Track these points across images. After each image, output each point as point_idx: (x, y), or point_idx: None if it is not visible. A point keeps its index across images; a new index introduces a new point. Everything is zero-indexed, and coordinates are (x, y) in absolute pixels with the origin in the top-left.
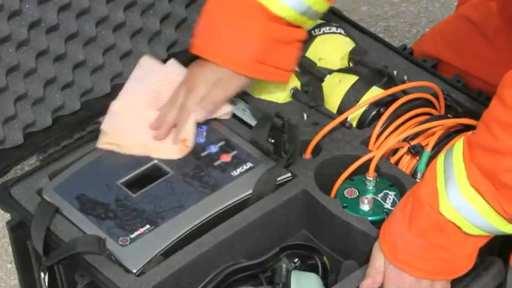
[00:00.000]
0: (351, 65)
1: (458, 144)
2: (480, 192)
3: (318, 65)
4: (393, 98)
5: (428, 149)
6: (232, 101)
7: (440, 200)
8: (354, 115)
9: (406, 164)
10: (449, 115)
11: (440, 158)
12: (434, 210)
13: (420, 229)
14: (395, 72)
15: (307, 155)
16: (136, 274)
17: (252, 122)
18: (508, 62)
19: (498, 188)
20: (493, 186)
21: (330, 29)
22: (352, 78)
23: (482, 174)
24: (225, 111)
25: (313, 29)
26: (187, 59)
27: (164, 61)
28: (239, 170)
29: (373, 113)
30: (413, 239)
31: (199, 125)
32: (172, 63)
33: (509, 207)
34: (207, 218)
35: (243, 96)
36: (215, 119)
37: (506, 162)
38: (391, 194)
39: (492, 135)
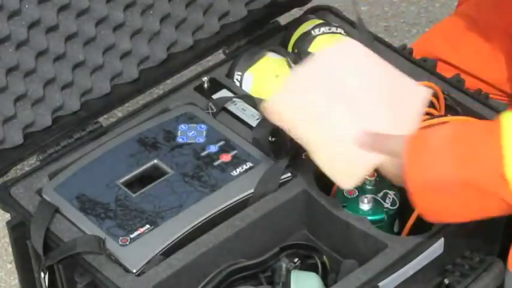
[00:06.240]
0: None
1: None
2: None
3: None
4: None
5: None
6: (233, 100)
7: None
8: None
9: None
10: (449, 115)
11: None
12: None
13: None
14: None
15: (307, 154)
16: (136, 274)
17: (252, 122)
18: (507, 62)
19: None
20: None
21: (329, 29)
22: None
23: None
24: None
25: (313, 28)
26: (187, 59)
27: (164, 61)
28: (239, 170)
29: None
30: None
31: (199, 124)
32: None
33: None
34: (206, 218)
35: (243, 96)
36: (214, 118)
37: None
38: (391, 194)
39: None
